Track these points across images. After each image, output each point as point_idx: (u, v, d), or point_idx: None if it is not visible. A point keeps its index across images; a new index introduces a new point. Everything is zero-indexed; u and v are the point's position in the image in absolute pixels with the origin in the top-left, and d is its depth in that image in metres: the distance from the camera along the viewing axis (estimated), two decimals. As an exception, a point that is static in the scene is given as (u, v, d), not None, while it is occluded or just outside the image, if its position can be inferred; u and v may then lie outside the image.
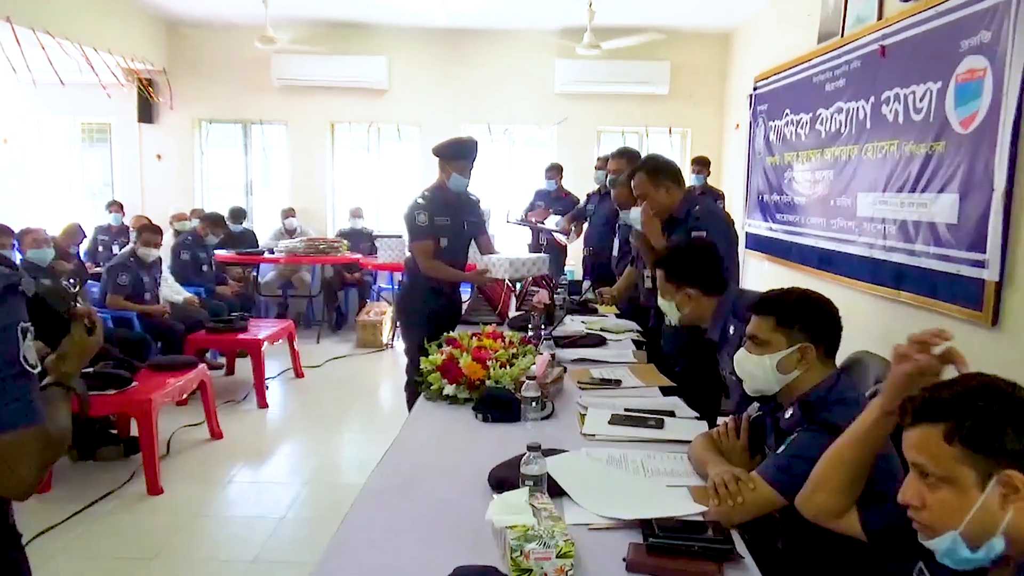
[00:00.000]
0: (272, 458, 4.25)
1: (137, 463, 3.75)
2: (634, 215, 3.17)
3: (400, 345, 6.80)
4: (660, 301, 2.38)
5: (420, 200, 3.72)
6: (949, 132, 3.49)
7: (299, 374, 5.80)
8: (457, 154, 3.74)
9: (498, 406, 2.22)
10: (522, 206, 7.00)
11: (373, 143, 8.09)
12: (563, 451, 1.89)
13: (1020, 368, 3.06)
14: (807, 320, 1.80)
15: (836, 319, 1.83)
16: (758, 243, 6.21)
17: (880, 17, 4.29)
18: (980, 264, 3.23)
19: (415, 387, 3.68)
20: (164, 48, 7.50)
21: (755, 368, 1.82)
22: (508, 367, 2.52)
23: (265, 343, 5.09)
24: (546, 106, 7.71)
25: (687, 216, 2.99)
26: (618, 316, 3.98)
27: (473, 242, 3.98)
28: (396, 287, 7.38)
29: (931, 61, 3.64)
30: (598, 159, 6.02)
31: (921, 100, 3.74)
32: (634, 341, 3.42)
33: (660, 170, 3.10)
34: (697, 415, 2.28)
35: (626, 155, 4.44)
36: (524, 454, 1.60)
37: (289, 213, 7.51)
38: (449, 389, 2.41)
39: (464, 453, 1.98)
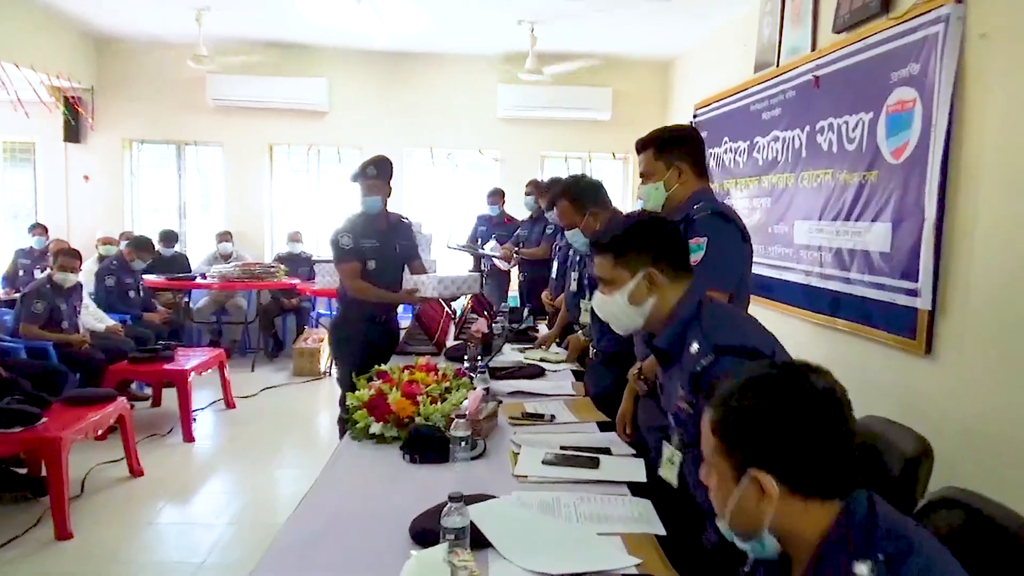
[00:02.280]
0: (196, 496, 4.01)
1: (46, 505, 3.48)
2: (571, 236, 3.09)
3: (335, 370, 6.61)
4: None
5: (343, 224, 3.67)
6: (881, 162, 3.53)
7: (230, 404, 5.55)
8: (363, 173, 3.68)
9: (426, 446, 2.10)
10: (465, 231, 6.92)
11: (313, 166, 7.90)
12: (491, 496, 1.77)
13: (953, 396, 3.08)
14: (640, 244, 1.73)
15: (668, 231, 1.77)
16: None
17: (814, 48, 4.36)
18: (913, 292, 3.25)
19: (343, 421, 3.58)
20: (92, 66, 7.20)
21: (613, 309, 1.77)
22: (440, 402, 2.40)
23: (192, 373, 4.85)
24: (489, 131, 7.66)
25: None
26: (558, 344, 3.89)
27: (407, 265, 3.88)
28: (335, 313, 7.18)
29: (863, 92, 3.70)
30: (527, 184, 6.00)
31: (854, 130, 3.78)
32: (573, 371, 3.33)
33: (581, 195, 3.03)
34: (634, 452, 2.19)
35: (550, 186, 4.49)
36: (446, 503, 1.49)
37: (224, 237, 7.26)
38: (376, 427, 2.28)
39: (387, 499, 1.85)
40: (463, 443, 2.05)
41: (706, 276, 1.89)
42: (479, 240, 6.66)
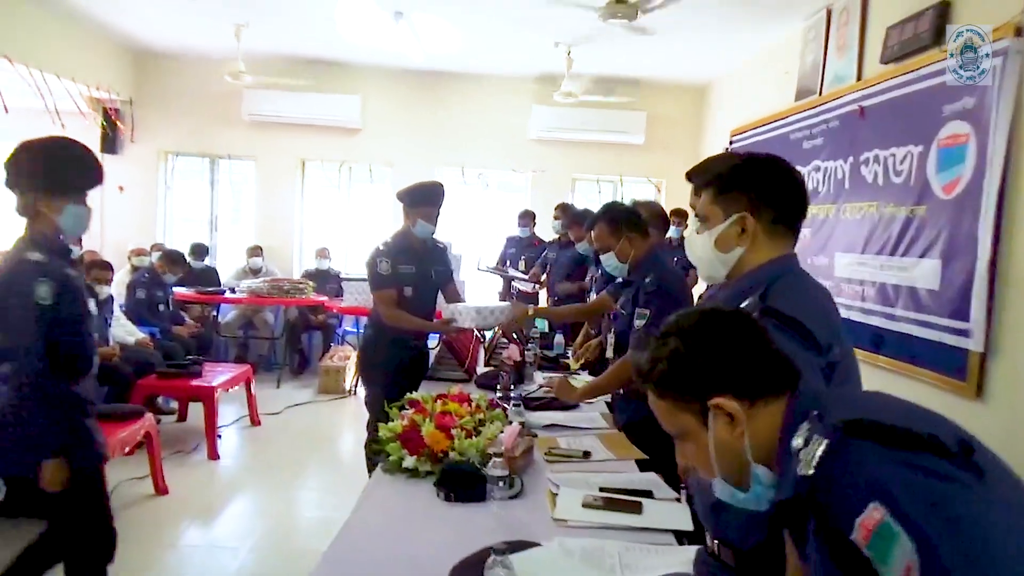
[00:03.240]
0: (219, 518, 3.96)
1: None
2: (606, 259, 3.04)
3: (363, 392, 6.58)
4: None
5: (382, 247, 3.59)
6: (931, 196, 3.43)
7: (255, 422, 5.53)
8: (422, 200, 3.60)
9: (462, 483, 2.03)
10: (494, 252, 6.88)
11: (344, 182, 7.92)
12: (533, 543, 1.70)
13: (1006, 442, 2.95)
14: (745, 183, 1.52)
15: (787, 180, 1.54)
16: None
17: (859, 78, 4.28)
18: (963, 333, 3.14)
19: (373, 451, 3.52)
20: (131, 78, 7.31)
21: (698, 250, 1.61)
22: (474, 436, 2.34)
23: (219, 390, 4.84)
24: (521, 151, 7.64)
25: (642, 283, 2.85)
26: (589, 373, 3.81)
27: (440, 291, 3.83)
28: (362, 331, 7.17)
29: (912, 124, 3.61)
30: (556, 208, 5.94)
31: (902, 163, 3.69)
32: (607, 403, 3.25)
33: (619, 219, 2.98)
34: (677, 496, 2.11)
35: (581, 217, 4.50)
36: (489, 551, 1.42)
37: (255, 252, 7.28)
38: (409, 461, 2.22)
39: (423, 541, 1.78)
40: (501, 483, 1.98)
41: None
42: (507, 262, 6.62)
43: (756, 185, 1.53)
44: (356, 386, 6.71)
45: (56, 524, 2.35)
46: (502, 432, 2.34)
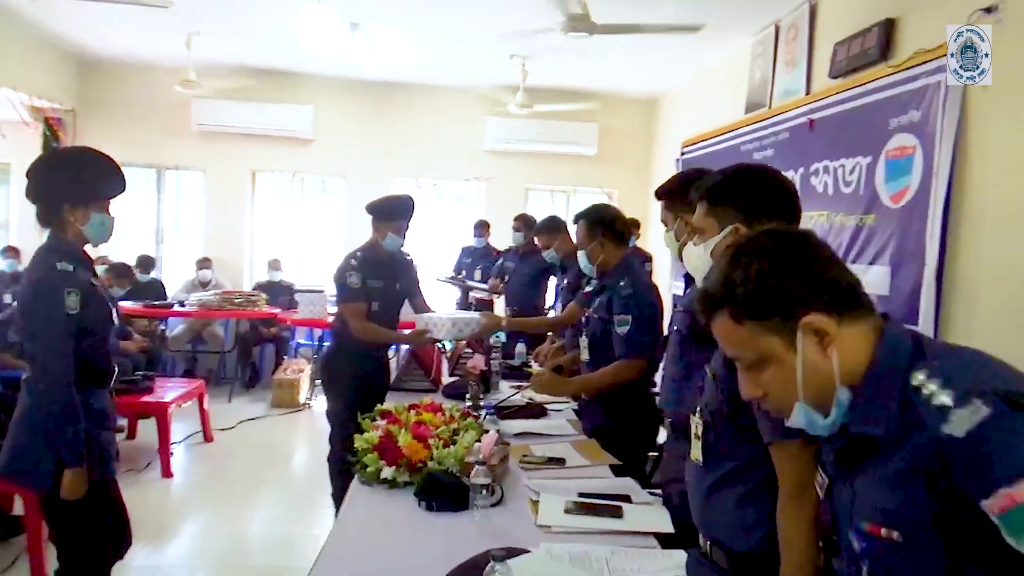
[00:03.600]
0: (174, 539, 3.83)
1: (19, 547, 3.31)
2: (581, 256, 3.09)
3: (319, 405, 6.47)
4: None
5: (353, 261, 3.55)
6: (879, 206, 3.57)
7: (208, 438, 5.39)
8: (394, 213, 3.59)
9: (445, 493, 2.02)
10: (449, 262, 6.88)
11: (296, 193, 7.81)
12: (522, 549, 1.71)
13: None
14: (735, 194, 1.57)
15: (777, 188, 1.59)
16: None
17: (808, 92, 4.43)
18: (913, 336, 3.27)
19: (343, 463, 3.47)
20: (74, 87, 7.08)
21: (696, 261, 1.67)
22: (450, 445, 2.33)
23: (172, 406, 4.70)
24: (475, 162, 7.66)
25: (616, 287, 2.90)
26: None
27: (408, 302, 3.82)
28: (316, 343, 7.06)
29: (860, 137, 3.75)
30: (515, 219, 5.97)
31: (851, 173, 3.83)
32: (574, 410, 3.28)
33: (597, 222, 3.03)
34: (653, 501, 2.14)
35: (545, 228, 4.58)
36: (482, 558, 1.42)
37: (204, 264, 7.11)
38: (387, 472, 2.19)
39: (410, 552, 1.77)
40: (484, 491, 1.98)
41: None
42: (463, 272, 6.62)
43: (747, 195, 1.58)
44: (312, 398, 6.60)
45: (62, 533, 2.34)
46: (478, 441, 2.34)
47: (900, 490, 0.95)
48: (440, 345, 4.42)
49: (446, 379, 3.77)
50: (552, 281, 5.59)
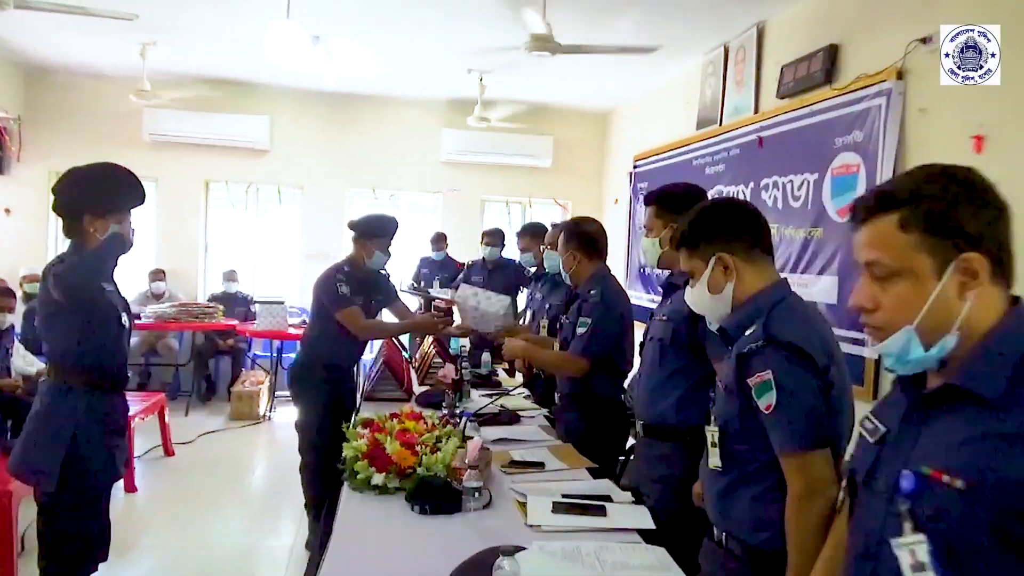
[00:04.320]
0: (142, 554, 3.78)
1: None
2: (547, 254, 3.43)
3: (279, 417, 6.45)
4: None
5: (340, 274, 3.68)
6: (827, 219, 3.80)
7: (169, 452, 5.33)
8: (380, 232, 3.74)
9: (437, 496, 2.11)
10: (407, 273, 6.93)
11: (251, 204, 7.76)
12: (519, 547, 1.81)
13: (899, 439, 3.31)
14: (706, 231, 1.76)
15: (739, 212, 1.80)
16: (641, 314, 6.42)
17: (757, 110, 4.66)
18: (859, 343, 3.49)
19: (317, 471, 3.55)
20: (20, 95, 6.91)
21: (698, 301, 1.81)
22: (436, 452, 2.42)
23: (134, 420, 4.64)
24: (432, 174, 7.74)
25: (587, 295, 3.05)
26: (526, 387, 3.94)
27: (390, 312, 4.04)
28: (275, 355, 7.03)
29: (807, 154, 3.98)
30: (484, 234, 6.06)
31: (799, 189, 4.06)
32: (546, 417, 3.40)
33: (574, 236, 3.16)
34: (632, 500, 2.27)
35: (529, 233, 4.69)
36: (487, 555, 1.52)
37: (157, 275, 7.01)
38: (378, 478, 2.28)
39: (410, 554, 1.86)
40: (476, 494, 2.08)
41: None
42: (422, 282, 6.68)
43: (717, 228, 1.77)
44: (271, 411, 6.57)
45: (54, 535, 2.48)
46: (460, 447, 2.44)
47: (989, 449, 0.98)
48: (407, 356, 4.51)
49: (416, 388, 3.85)
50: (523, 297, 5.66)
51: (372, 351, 4.96)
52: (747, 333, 1.65)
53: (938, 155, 3.14)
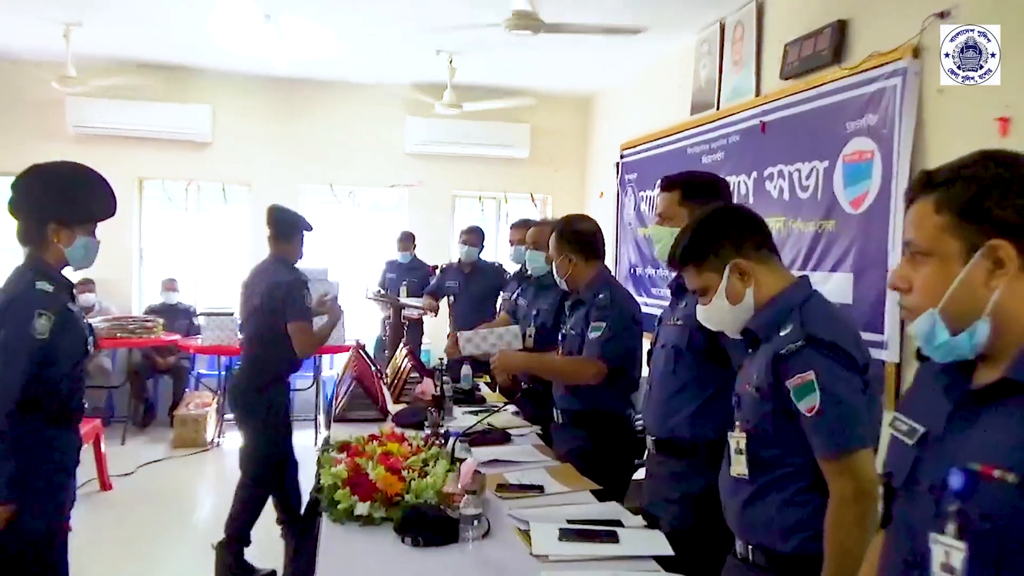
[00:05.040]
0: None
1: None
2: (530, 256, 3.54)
3: (229, 444, 6.38)
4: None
5: (301, 279, 3.82)
6: (839, 211, 3.86)
7: (106, 486, 5.24)
8: (306, 226, 4.06)
9: (432, 526, 2.11)
10: (371, 278, 6.91)
11: (192, 204, 7.67)
12: (528, 581, 1.82)
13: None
14: (713, 239, 1.86)
15: (739, 216, 1.93)
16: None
17: (758, 93, 4.72)
18: (879, 345, 3.55)
19: (260, 487, 3.74)
20: (-77, 83, 6.77)
21: (717, 316, 1.89)
22: (424, 476, 2.42)
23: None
24: (396, 167, 7.73)
25: (593, 300, 3.06)
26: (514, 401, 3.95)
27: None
28: (222, 373, 6.94)
29: (816, 140, 4.04)
30: (462, 232, 6.06)
31: (807, 178, 4.13)
32: (538, 435, 3.41)
33: (567, 239, 3.18)
34: (645, 523, 2.29)
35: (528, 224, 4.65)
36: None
37: (85, 286, 6.85)
38: (361, 508, 2.26)
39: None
40: (475, 522, 2.08)
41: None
42: (389, 288, 6.65)
43: (722, 235, 1.86)
44: (219, 437, 6.49)
45: None
46: (450, 470, 2.44)
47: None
48: (376, 369, 4.49)
49: (392, 407, 3.84)
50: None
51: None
52: (782, 334, 1.71)
53: (960, 139, 3.23)
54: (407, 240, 6.92)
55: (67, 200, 2.37)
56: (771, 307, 1.80)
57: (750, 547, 1.75)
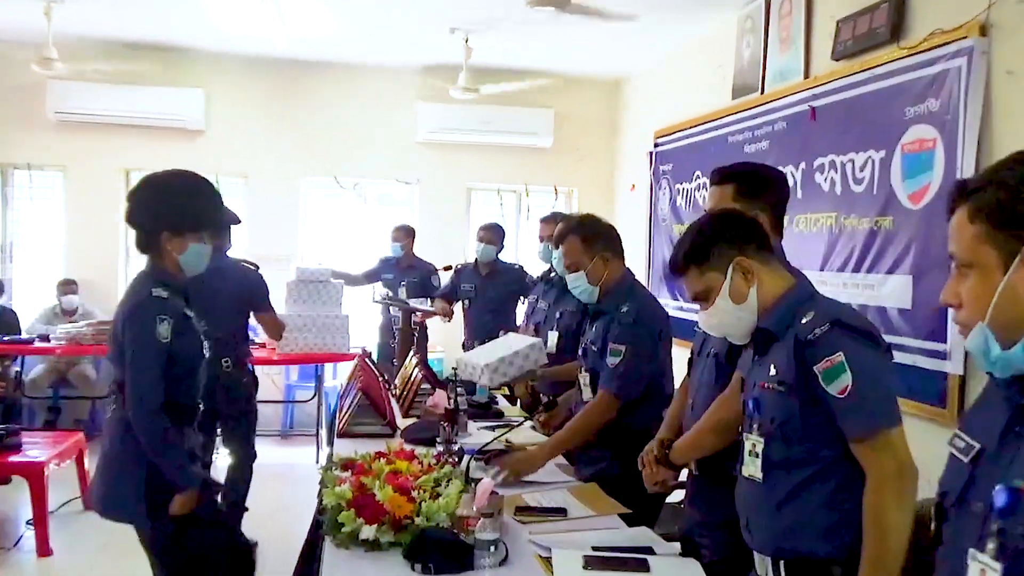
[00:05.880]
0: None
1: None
2: (572, 280, 3.21)
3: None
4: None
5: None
6: (897, 206, 3.85)
7: (90, 505, 5.30)
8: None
9: (445, 552, 2.14)
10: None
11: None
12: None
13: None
14: (715, 238, 1.99)
15: (740, 219, 2.06)
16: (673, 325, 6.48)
17: (807, 75, 4.72)
18: (940, 355, 3.54)
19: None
20: None
21: (721, 319, 2.00)
22: (436, 497, 2.44)
23: (49, 466, 4.65)
24: (406, 157, 7.78)
25: (616, 312, 3.08)
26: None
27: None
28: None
29: (872, 127, 4.04)
30: (480, 229, 6.07)
31: (862, 170, 4.12)
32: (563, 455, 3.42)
33: (598, 235, 3.19)
34: (680, 551, 2.30)
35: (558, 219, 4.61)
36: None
37: (68, 287, 6.98)
38: (368, 531, 2.29)
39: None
40: (493, 548, 2.11)
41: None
42: (386, 289, 6.62)
43: (725, 234, 1.99)
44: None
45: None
46: (464, 491, 2.47)
47: None
48: (384, 380, 4.53)
49: (401, 421, 3.87)
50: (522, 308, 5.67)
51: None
52: (803, 321, 1.83)
53: (1031, 126, 3.22)
54: (401, 231, 6.76)
55: (177, 209, 2.65)
56: (781, 304, 1.92)
57: (770, 561, 1.84)
